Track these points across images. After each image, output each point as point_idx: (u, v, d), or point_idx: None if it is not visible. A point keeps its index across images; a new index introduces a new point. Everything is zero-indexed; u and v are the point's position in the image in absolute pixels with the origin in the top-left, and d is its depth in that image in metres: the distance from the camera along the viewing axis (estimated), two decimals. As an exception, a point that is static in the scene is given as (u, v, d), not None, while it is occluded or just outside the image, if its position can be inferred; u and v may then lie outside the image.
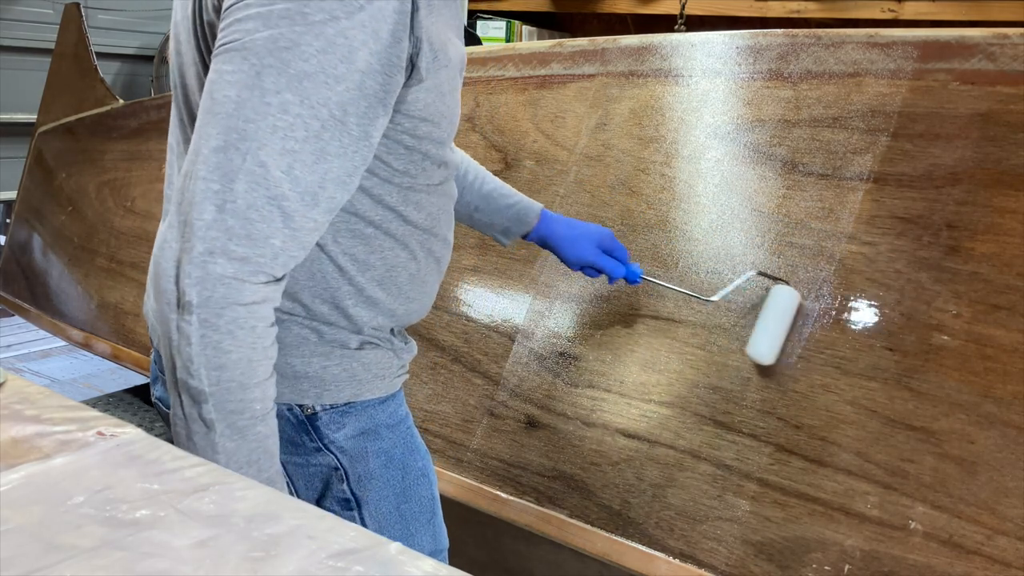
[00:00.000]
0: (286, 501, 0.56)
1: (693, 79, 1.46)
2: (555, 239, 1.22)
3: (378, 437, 0.97)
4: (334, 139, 0.77)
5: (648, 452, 1.27)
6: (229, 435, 0.78)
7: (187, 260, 0.74)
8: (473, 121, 1.67)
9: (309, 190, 0.77)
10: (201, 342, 0.75)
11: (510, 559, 1.44)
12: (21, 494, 0.54)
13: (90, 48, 2.69)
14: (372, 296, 0.92)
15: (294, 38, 0.73)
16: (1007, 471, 1.04)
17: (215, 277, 0.74)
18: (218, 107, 0.75)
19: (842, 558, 1.09)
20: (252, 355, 0.77)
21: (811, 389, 1.19)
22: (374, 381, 0.96)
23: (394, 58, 0.78)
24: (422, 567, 0.48)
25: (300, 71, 0.74)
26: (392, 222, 0.91)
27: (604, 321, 1.40)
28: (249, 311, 0.76)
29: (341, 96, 0.76)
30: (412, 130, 0.86)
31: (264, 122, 0.74)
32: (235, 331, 0.76)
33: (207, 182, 0.74)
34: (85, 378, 3.27)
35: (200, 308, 0.74)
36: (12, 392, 0.71)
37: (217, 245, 0.74)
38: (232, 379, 0.77)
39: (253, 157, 0.74)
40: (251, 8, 0.75)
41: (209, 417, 0.77)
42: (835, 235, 1.25)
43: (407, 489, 1.00)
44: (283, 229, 0.76)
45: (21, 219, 2.73)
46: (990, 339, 1.10)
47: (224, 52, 0.76)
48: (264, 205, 0.75)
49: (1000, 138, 1.17)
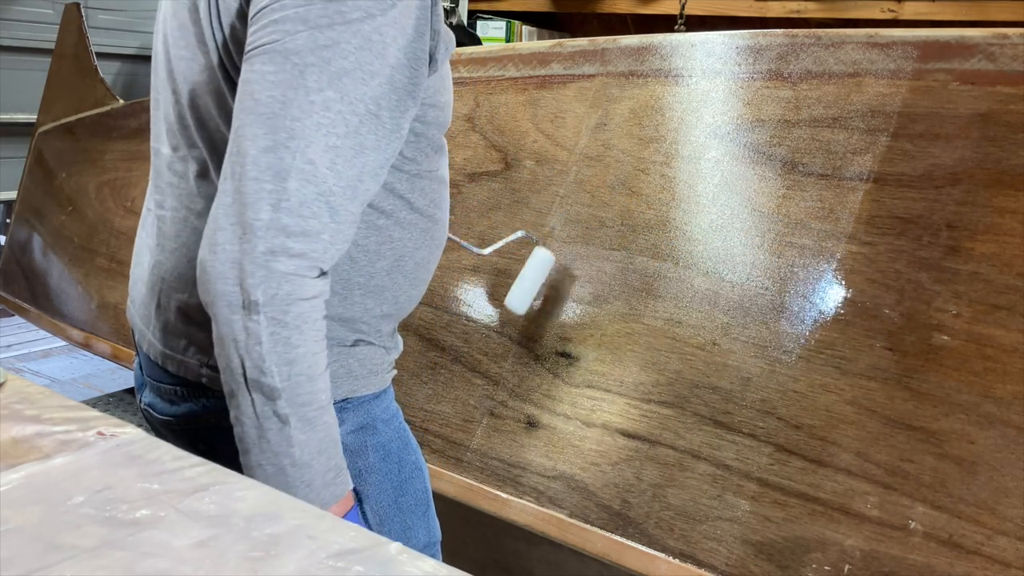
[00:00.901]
0: (286, 501, 0.57)
1: (693, 79, 1.46)
2: None
3: (376, 432, 0.98)
4: (371, 133, 0.79)
5: (648, 452, 1.28)
6: (301, 427, 0.79)
7: (249, 261, 0.75)
8: (473, 121, 1.67)
9: (350, 184, 0.79)
10: (271, 339, 0.76)
11: (510, 559, 1.44)
12: (21, 494, 0.54)
13: (90, 48, 2.69)
14: (381, 284, 0.94)
15: (334, 36, 0.75)
16: (1007, 471, 1.04)
17: (279, 275, 0.75)
18: (262, 107, 0.76)
19: (842, 558, 1.09)
20: (316, 347, 0.80)
21: (811, 389, 1.19)
22: (368, 377, 0.97)
23: (419, 51, 0.81)
24: (422, 567, 0.48)
25: (340, 68, 0.75)
26: (401, 210, 0.93)
27: (604, 321, 1.40)
28: (312, 305, 0.78)
29: (375, 91, 0.78)
30: (422, 116, 0.88)
31: (310, 120, 0.75)
32: (301, 325, 0.78)
33: (259, 182, 0.75)
34: (85, 378, 3.27)
35: (267, 307, 0.75)
36: (12, 392, 0.71)
37: (277, 244, 0.75)
38: (301, 372, 0.78)
39: (302, 155, 0.75)
40: (287, 9, 0.76)
41: (284, 412, 0.78)
42: (835, 235, 1.25)
43: (403, 483, 1.01)
44: (330, 224, 0.78)
45: (21, 219, 2.73)
46: (990, 339, 1.10)
47: (262, 52, 0.77)
48: (314, 201, 0.76)
49: (1000, 138, 1.17)
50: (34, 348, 3.53)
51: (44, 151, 2.71)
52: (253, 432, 0.80)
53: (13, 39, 3.48)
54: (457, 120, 1.66)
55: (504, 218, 1.56)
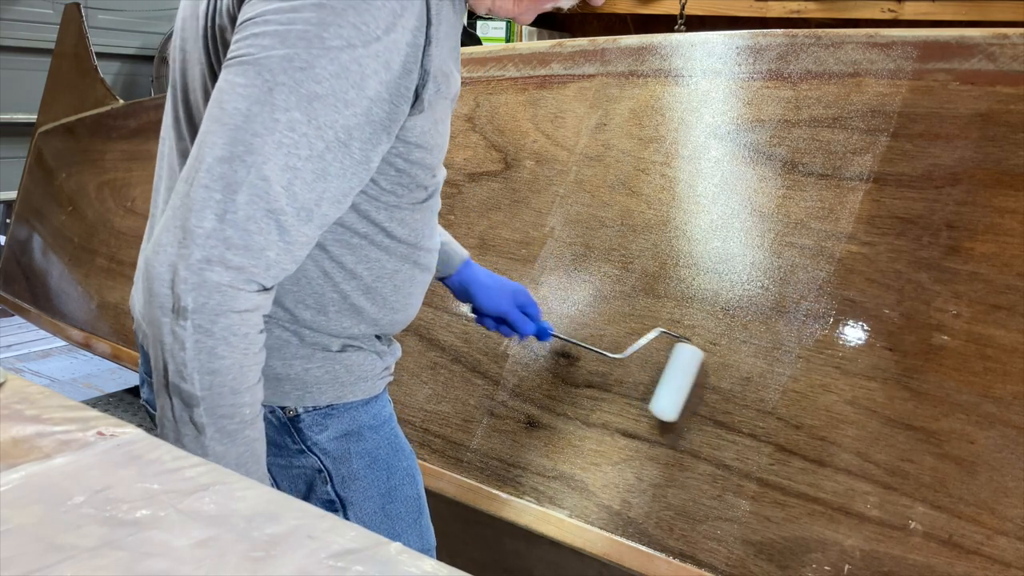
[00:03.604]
0: (286, 501, 0.56)
1: (693, 79, 1.46)
2: (475, 285, 1.23)
3: (361, 438, 0.98)
4: (336, 160, 0.78)
5: (648, 452, 1.27)
6: (219, 439, 0.78)
7: (184, 266, 0.74)
8: (473, 121, 1.67)
9: (306, 207, 0.78)
10: (196, 347, 0.76)
11: (510, 559, 1.44)
12: (21, 494, 0.54)
13: (90, 48, 2.69)
14: (356, 304, 0.93)
15: (309, 60, 0.75)
16: (1007, 471, 1.04)
17: (211, 284, 0.75)
18: (227, 118, 0.75)
19: (842, 558, 1.09)
20: (244, 360, 0.78)
21: (811, 389, 1.19)
22: (357, 383, 0.97)
23: (403, 88, 0.80)
24: (422, 567, 0.48)
25: (311, 92, 0.75)
26: (377, 236, 0.92)
27: (604, 321, 1.40)
28: (243, 318, 0.77)
29: (348, 120, 0.77)
30: (406, 154, 0.88)
31: (271, 137, 0.75)
32: (229, 337, 0.77)
33: (209, 191, 0.75)
34: (85, 378, 3.27)
35: (195, 314, 0.75)
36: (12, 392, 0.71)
37: (215, 254, 0.75)
38: (224, 384, 0.78)
39: (257, 171, 0.75)
40: (269, 25, 0.76)
41: (200, 421, 0.78)
42: (835, 235, 1.25)
43: (392, 489, 1.01)
44: (278, 242, 0.77)
45: (21, 219, 2.73)
46: (990, 339, 1.10)
47: (237, 64, 0.77)
48: (263, 218, 0.76)
49: (1000, 138, 1.17)
50: (34, 348, 3.53)
51: (44, 151, 2.71)
52: (171, 435, 0.80)
53: (13, 39, 3.49)
54: (457, 120, 1.66)
55: (504, 218, 1.56)
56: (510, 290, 1.24)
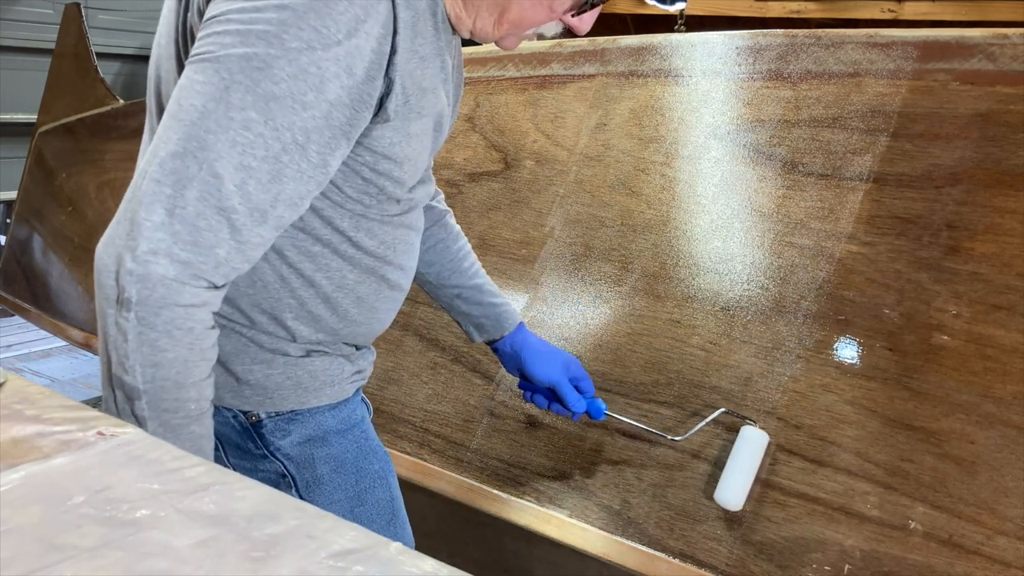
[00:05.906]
0: (286, 501, 0.56)
1: (693, 79, 1.46)
2: (527, 351, 1.18)
3: (326, 444, 0.97)
4: (292, 162, 0.78)
5: (648, 452, 1.27)
6: (161, 433, 0.78)
7: (130, 258, 0.74)
8: (473, 121, 1.67)
9: (259, 207, 0.78)
10: (138, 339, 0.75)
11: (510, 559, 1.43)
12: (21, 494, 0.54)
13: (90, 48, 2.69)
14: (314, 312, 0.93)
15: (268, 60, 0.74)
16: (1007, 471, 1.04)
17: (156, 277, 0.74)
18: (183, 114, 0.75)
19: (842, 558, 1.09)
20: (188, 355, 0.78)
21: (811, 389, 1.19)
22: (322, 388, 0.96)
23: (365, 95, 0.80)
24: (422, 567, 0.48)
25: (268, 92, 0.75)
26: (341, 244, 0.91)
27: (604, 322, 1.40)
28: (187, 312, 0.77)
29: (306, 123, 0.77)
30: (373, 164, 0.87)
31: (225, 135, 0.75)
32: (172, 331, 0.76)
33: (160, 185, 0.75)
34: (85, 378, 3.27)
35: (139, 306, 0.75)
36: (12, 392, 0.71)
37: (162, 247, 0.74)
38: (167, 378, 0.77)
39: (208, 168, 0.75)
40: (231, 24, 0.76)
41: (142, 414, 0.77)
42: (835, 235, 1.25)
43: (361, 493, 1.00)
44: (229, 241, 0.77)
45: (21, 219, 2.73)
46: (990, 339, 1.10)
47: (198, 61, 0.77)
48: (213, 215, 0.75)
49: (1000, 138, 1.17)
50: (34, 348, 3.53)
51: (44, 151, 2.71)
52: None
53: (13, 39, 3.49)
54: (457, 120, 1.66)
55: (504, 218, 1.56)
56: (562, 360, 1.18)
